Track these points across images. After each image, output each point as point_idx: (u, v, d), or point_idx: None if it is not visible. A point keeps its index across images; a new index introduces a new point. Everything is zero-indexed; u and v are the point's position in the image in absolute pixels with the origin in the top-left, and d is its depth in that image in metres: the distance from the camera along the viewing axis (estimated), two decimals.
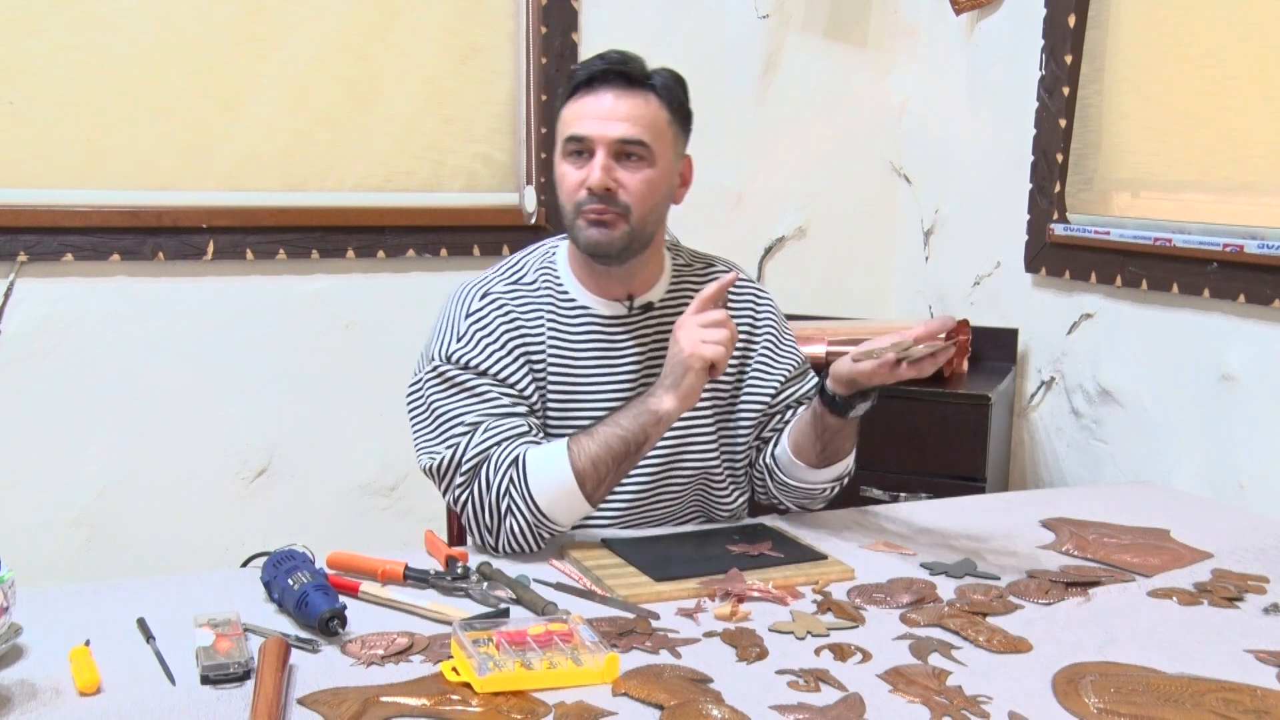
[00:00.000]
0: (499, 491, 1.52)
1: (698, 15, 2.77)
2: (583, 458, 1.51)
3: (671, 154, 1.59)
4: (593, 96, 1.55)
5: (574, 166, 1.56)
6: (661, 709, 1.12)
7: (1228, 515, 1.87)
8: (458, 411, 1.56)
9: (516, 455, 1.52)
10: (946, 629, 1.33)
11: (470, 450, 1.54)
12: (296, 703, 1.12)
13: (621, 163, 1.54)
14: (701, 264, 1.75)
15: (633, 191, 1.54)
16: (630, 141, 1.53)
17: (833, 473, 1.68)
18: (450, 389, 1.58)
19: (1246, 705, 1.15)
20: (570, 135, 1.55)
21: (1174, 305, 2.23)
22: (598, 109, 1.54)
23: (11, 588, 1.19)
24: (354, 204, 2.55)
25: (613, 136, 1.53)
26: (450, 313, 1.63)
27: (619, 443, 1.51)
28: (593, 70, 1.56)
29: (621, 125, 1.53)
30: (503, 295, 1.62)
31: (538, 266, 1.66)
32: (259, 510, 2.54)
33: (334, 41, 2.48)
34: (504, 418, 1.56)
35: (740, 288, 1.74)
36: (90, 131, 2.33)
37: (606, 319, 1.63)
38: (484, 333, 1.59)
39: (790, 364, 1.74)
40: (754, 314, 1.74)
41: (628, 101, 1.54)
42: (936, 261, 2.92)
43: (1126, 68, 2.34)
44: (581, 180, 1.54)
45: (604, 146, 1.53)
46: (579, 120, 1.55)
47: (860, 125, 2.98)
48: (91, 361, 2.37)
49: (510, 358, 1.59)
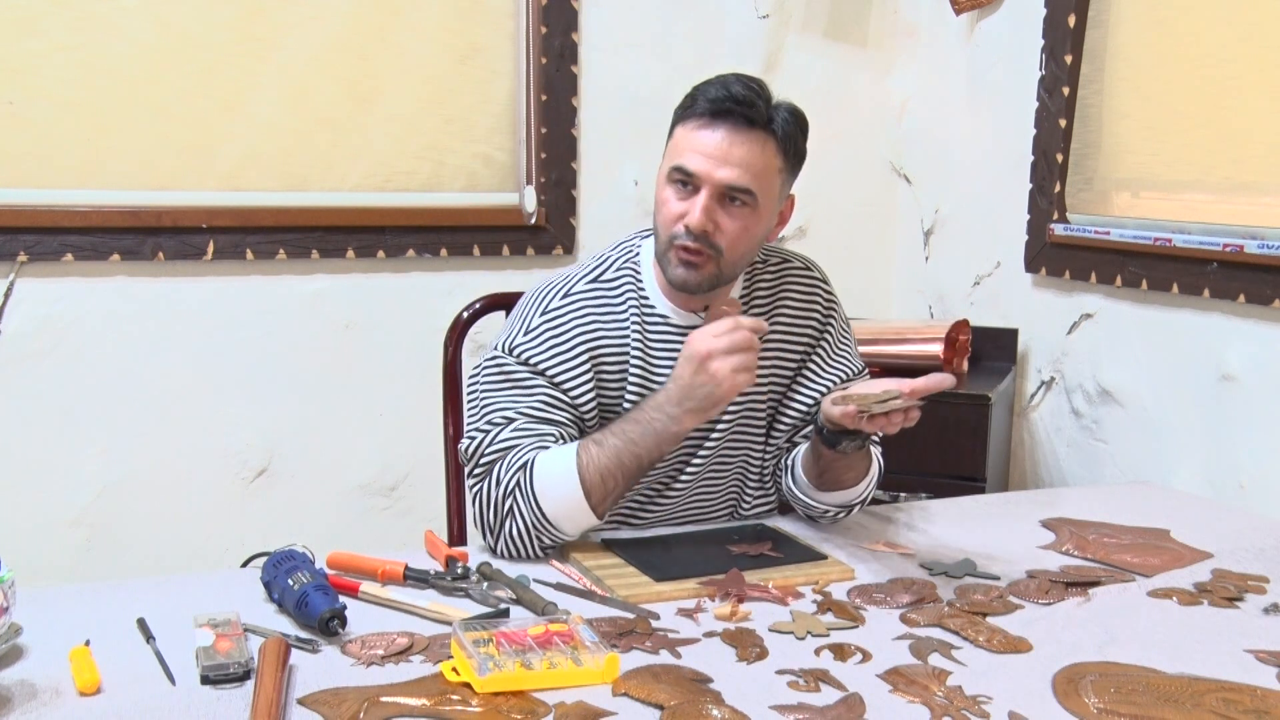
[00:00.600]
0: (505, 489, 1.52)
1: (698, 15, 2.77)
2: (591, 469, 1.50)
3: (775, 199, 1.57)
4: (709, 131, 1.50)
5: (677, 197, 1.54)
6: (661, 709, 1.12)
7: (1228, 515, 1.87)
8: (501, 405, 1.56)
9: (527, 460, 1.52)
10: (946, 629, 1.33)
11: (495, 443, 1.54)
12: (296, 703, 1.12)
13: (724, 205, 1.52)
14: (777, 260, 1.72)
15: (729, 235, 1.53)
16: (737, 189, 1.51)
17: (833, 499, 1.65)
18: (503, 381, 1.58)
19: (1246, 705, 1.15)
20: (678, 165, 1.52)
21: (1174, 305, 2.23)
22: (712, 147, 1.50)
23: (11, 588, 1.19)
24: (354, 204, 2.55)
25: (720, 179, 1.50)
26: (526, 306, 1.63)
27: (632, 460, 1.50)
28: (717, 106, 1.50)
29: (732, 171, 1.49)
30: (584, 296, 1.61)
31: (620, 266, 1.65)
32: (259, 510, 2.54)
33: (334, 41, 2.48)
34: (542, 421, 1.55)
35: (811, 288, 1.72)
36: (90, 131, 2.33)
37: (683, 329, 1.61)
38: (554, 333, 1.58)
39: (841, 372, 1.70)
40: (820, 320, 1.71)
41: (743, 147, 1.50)
42: (936, 261, 2.92)
43: (1126, 68, 2.34)
44: (681, 214, 1.52)
45: (710, 187, 1.50)
46: (690, 154, 1.51)
47: (860, 125, 2.98)
48: (91, 361, 2.37)
49: (576, 363, 1.58)
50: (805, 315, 1.70)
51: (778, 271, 1.71)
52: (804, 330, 1.69)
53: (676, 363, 1.51)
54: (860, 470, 1.62)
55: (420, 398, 2.49)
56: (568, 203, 2.70)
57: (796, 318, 1.69)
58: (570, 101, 2.66)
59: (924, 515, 1.80)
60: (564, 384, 1.57)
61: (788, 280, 1.71)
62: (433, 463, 2.10)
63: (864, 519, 1.75)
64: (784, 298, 1.69)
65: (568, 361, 1.58)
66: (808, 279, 1.72)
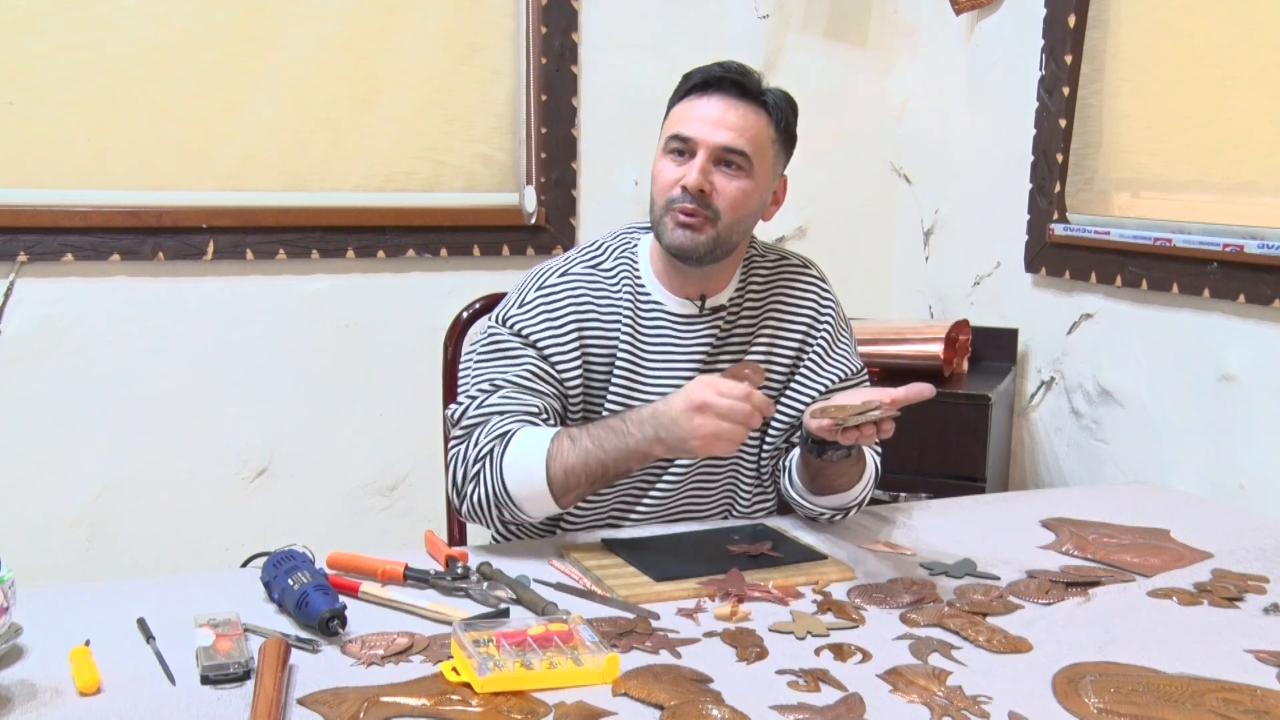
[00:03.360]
0: (479, 453, 1.53)
1: (698, 15, 2.77)
2: (557, 462, 1.50)
3: (770, 171, 1.60)
4: (704, 100, 1.56)
5: (673, 164, 1.57)
6: (661, 709, 1.12)
7: (1228, 515, 1.87)
8: (489, 373, 1.59)
9: (507, 431, 1.53)
10: (946, 629, 1.33)
11: (480, 408, 1.56)
12: (296, 703, 1.12)
13: (720, 169, 1.55)
14: (774, 256, 1.73)
15: (725, 198, 1.55)
16: (733, 150, 1.54)
17: (829, 502, 1.65)
18: (494, 350, 1.60)
19: (1246, 705, 1.15)
20: (675, 134, 1.56)
21: (1174, 305, 2.23)
22: (708, 113, 1.55)
23: (11, 588, 1.19)
24: (354, 204, 2.55)
25: (716, 142, 1.54)
26: (525, 282, 1.65)
27: (598, 466, 1.50)
28: (710, 75, 1.57)
29: (727, 133, 1.54)
30: (581, 278, 1.64)
31: (617, 255, 1.67)
32: (259, 510, 2.54)
33: (334, 41, 2.48)
34: (526, 391, 1.57)
35: (806, 286, 1.72)
36: (90, 131, 2.33)
37: (677, 316, 1.64)
38: (548, 307, 1.61)
39: (836, 374, 1.69)
40: (814, 318, 1.71)
41: (738, 111, 1.55)
42: (936, 261, 2.92)
43: (1126, 68, 2.34)
44: (678, 178, 1.55)
45: (706, 150, 1.54)
46: (687, 121, 1.56)
47: (860, 125, 2.98)
48: (91, 361, 2.37)
49: (565, 338, 1.60)
50: (798, 313, 1.70)
51: (774, 267, 1.72)
52: (796, 327, 1.69)
53: (677, 390, 1.49)
54: (853, 475, 1.62)
55: (420, 398, 2.49)
56: (568, 203, 2.70)
57: (789, 315, 1.69)
58: (570, 101, 2.66)
59: (924, 515, 1.80)
60: (551, 356, 1.59)
61: (783, 276, 1.71)
62: (433, 463, 2.10)
63: (864, 519, 1.75)
64: (778, 293, 1.70)
65: (557, 335, 1.59)
66: (804, 276, 1.73)
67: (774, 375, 1.69)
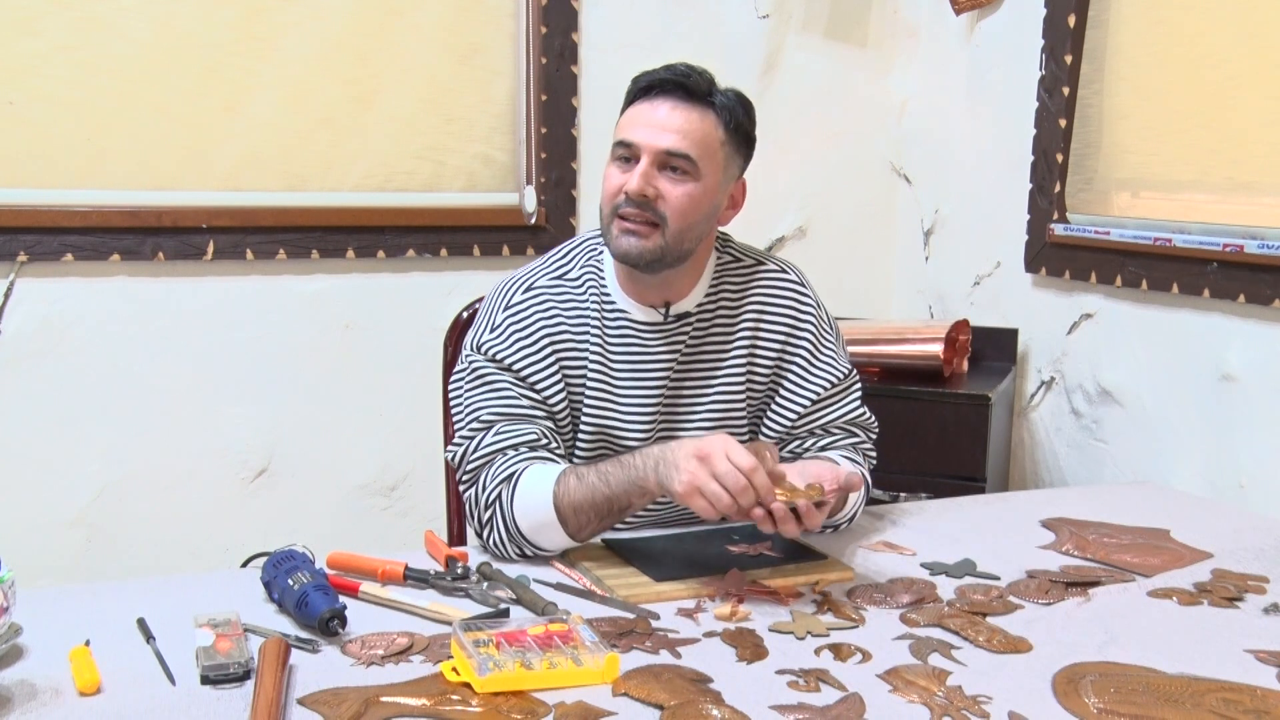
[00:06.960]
0: (489, 498, 1.52)
1: (698, 15, 2.77)
2: (565, 500, 1.48)
3: (720, 174, 1.57)
4: (649, 104, 1.54)
5: (618, 170, 1.55)
6: (661, 709, 1.12)
7: (1228, 515, 1.87)
8: (476, 407, 1.57)
9: (513, 472, 1.51)
10: (946, 629, 1.33)
11: (479, 450, 1.54)
12: (296, 703, 1.12)
13: (665, 173, 1.53)
14: (751, 261, 1.69)
15: (671, 203, 1.52)
16: (676, 154, 1.52)
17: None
18: (476, 382, 1.58)
19: (1246, 705, 1.15)
20: (620, 140, 1.55)
21: (1174, 305, 2.23)
22: (651, 118, 1.53)
23: (11, 588, 1.19)
24: (354, 204, 2.55)
25: (659, 146, 1.51)
26: (491, 303, 1.63)
27: (604, 501, 1.49)
28: (654, 79, 1.55)
29: (671, 136, 1.51)
30: (547, 290, 1.61)
31: (583, 263, 1.65)
32: (259, 510, 2.54)
33: (334, 41, 2.48)
34: (520, 420, 1.56)
35: (783, 292, 1.68)
36: (90, 131, 2.33)
37: (642, 324, 1.61)
38: (519, 329, 1.58)
39: (825, 381, 1.66)
40: (794, 325, 1.67)
41: (682, 114, 1.52)
42: (936, 261, 2.92)
43: (1126, 68, 2.34)
44: (622, 184, 1.53)
45: (649, 155, 1.52)
46: (631, 126, 1.54)
47: (860, 125, 2.98)
48: (91, 361, 2.37)
49: (541, 358, 1.58)
50: (776, 319, 1.66)
51: (749, 272, 1.68)
52: (775, 335, 1.66)
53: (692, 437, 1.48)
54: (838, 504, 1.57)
55: (420, 398, 2.49)
56: (568, 203, 2.70)
57: (766, 322, 1.66)
58: (570, 101, 2.66)
59: (924, 515, 1.80)
60: (530, 379, 1.57)
61: (759, 282, 1.67)
62: (432, 463, 2.10)
63: (864, 519, 1.75)
64: (754, 299, 1.66)
65: (532, 357, 1.58)
66: (780, 282, 1.68)
67: (754, 383, 1.66)
